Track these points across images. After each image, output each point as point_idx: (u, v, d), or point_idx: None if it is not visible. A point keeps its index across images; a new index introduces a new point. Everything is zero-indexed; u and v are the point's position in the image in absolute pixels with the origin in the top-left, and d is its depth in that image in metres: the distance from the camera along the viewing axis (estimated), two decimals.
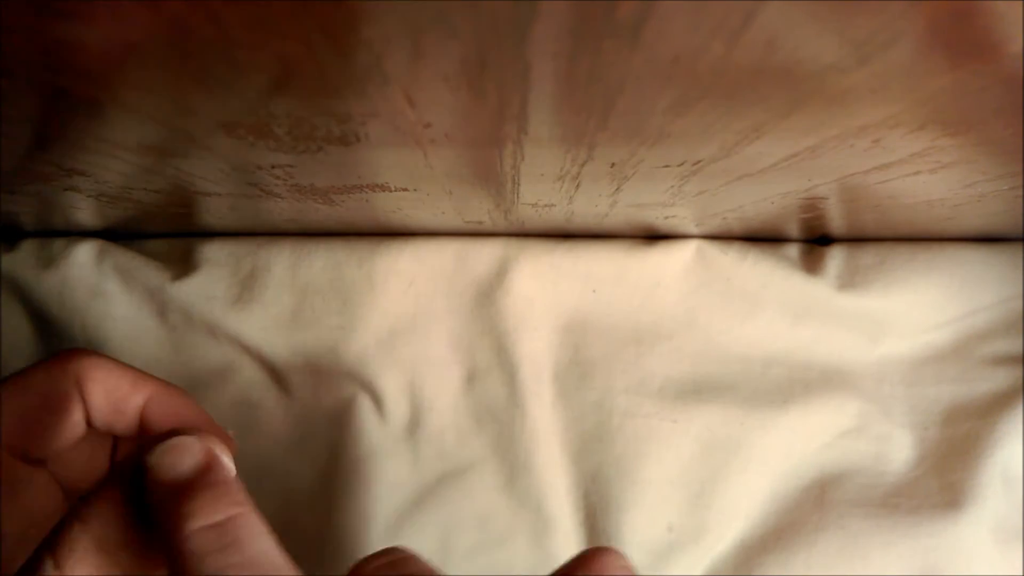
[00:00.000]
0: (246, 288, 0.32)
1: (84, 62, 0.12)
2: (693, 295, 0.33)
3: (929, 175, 0.21)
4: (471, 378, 0.33)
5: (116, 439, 0.25)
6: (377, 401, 0.32)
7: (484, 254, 0.33)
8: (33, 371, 0.23)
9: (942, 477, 0.31)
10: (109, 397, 0.23)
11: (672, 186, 0.23)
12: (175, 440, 0.18)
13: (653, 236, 0.34)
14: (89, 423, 0.23)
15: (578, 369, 0.33)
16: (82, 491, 0.25)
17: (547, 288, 0.33)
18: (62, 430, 0.22)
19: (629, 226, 0.31)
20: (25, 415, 0.22)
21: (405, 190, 0.24)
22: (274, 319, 0.32)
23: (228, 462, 0.18)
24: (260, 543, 0.17)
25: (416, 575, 0.21)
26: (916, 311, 0.33)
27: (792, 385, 0.32)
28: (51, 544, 0.17)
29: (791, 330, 0.33)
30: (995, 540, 0.30)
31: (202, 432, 0.18)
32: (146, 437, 0.18)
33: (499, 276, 0.33)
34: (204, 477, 0.17)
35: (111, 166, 0.20)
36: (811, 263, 0.34)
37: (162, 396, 0.24)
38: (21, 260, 0.32)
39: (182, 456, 0.17)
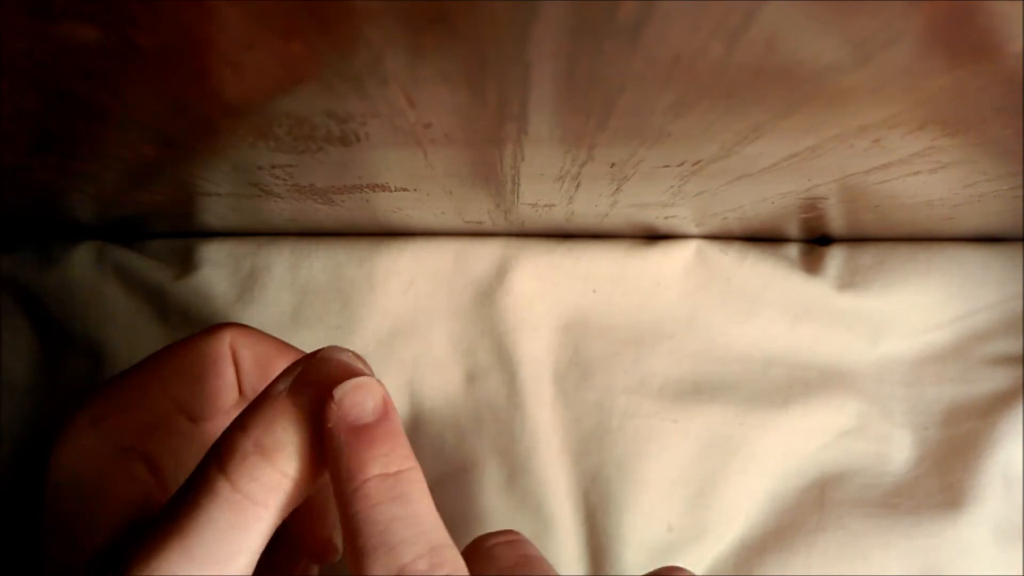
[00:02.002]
0: (246, 288, 0.32)
1: (84, 62, 0.12)
2: (693, 295, 0.33)
3: (929, 175, 0.21)
4: (471, 378, 0.33)
5: None
6: None
7: (484, 254, 0.33)
8: (191, 339, 0.24)
9: (942, 477, 0.31)
10: (258, 361, 0.24)
11: (672, 186, 0.23)
12: (362, 379, 0.17)
13: (653, 236, 0.34)
14: (240, 390, 0.24)
15: (578, 369, 0.33)
16: None
17: (547, 288, 0.33)
18: (220, 390, 0.23)
19: (629, 226, 0.31)
20: (188, 374, 0.23)
21: (405, 190, 0.24)
22: (274, 319, 0.32)
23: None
24: (425, 501, 0.17)
25: (531, 555, 0.22)
26: (916, 311, 0.33)
27: (792, 385, 0.32)
28: (217, 451, 0.17)
29: (791, 330, 0.33)
30: (995, 540, 0.30)
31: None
32: (318, 357, 0.18)
33: (499, 276, 0.33)
34: (382, 424, 0.17)
35: (111, 166, 0.20)
36: (811, 263, 0.34)
37: None
38: (21, 260, 0.32)
39: (366, 397, 0.17)
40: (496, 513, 0.31)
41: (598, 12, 0.10)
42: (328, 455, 0.17)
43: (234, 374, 0.24)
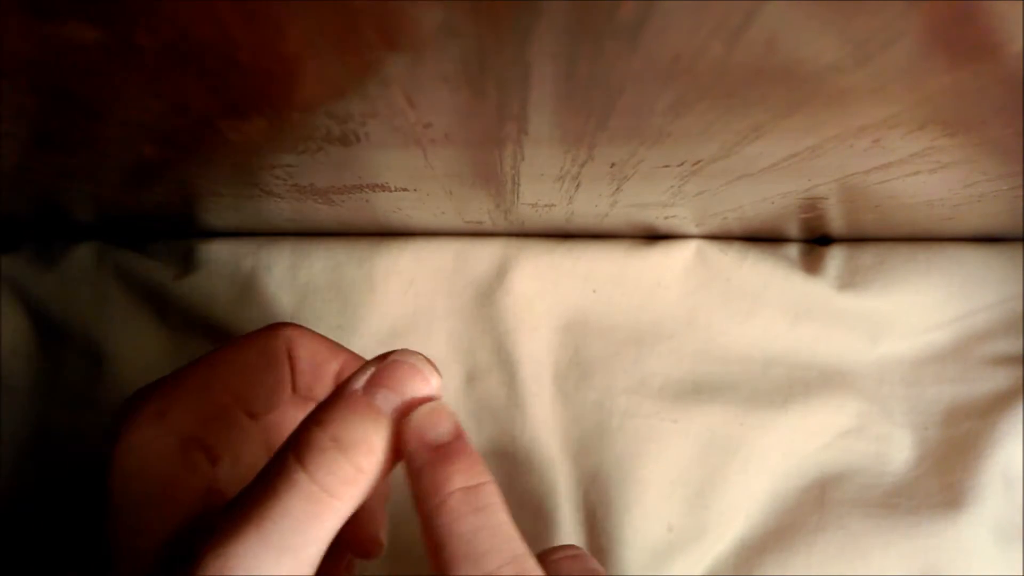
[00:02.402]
0: (246, 288, 0.32)
1: (84, 62, 0.12)
2: (693, 295, 0.33)
3: (929, 175, 0.21)
4: (471, 378, 0.33)
5: None
6: None
7: (484, 254, 0.33)
8: (250, 336, 0.25)
9: (942, 477, 0.31)
10: (312, 360, 0.25)
11: (672, 186, 0.23)
12: (435, 404, 0.18)
13: (653, 236, 0.34)
14: (294, 388, 0.25)
15: (578, 369, 0.33)
16: None
17: (547, 288, 0.33)
18: (276, 387, 0.24)
19: (629, 226, 0.31)
20: (246, 370, 0.24)
21: (405, 190, 0.24)
22: (274, 319, 0.32)
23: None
24: (504, 513, 0.18)
25: (596, 570, 0.24)
26: (916, 311, 0.33)
27: (792, 385, 0.32)
28: (295, 444, 0.18)
29: (791, 330, 0.33)
30: (995, 540, 0.30)
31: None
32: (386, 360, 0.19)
33: (499, 276, 0.33)
34: (459, 442, 0.18)
35: (111, 166, 0.20)
36: (811, 263, 0.34)
37: (354, 366, 0.25)
38: (21, 260, 0.32)
39: (441, 419, 0.18)
40: None
41: (598, 12, 0.10)
42: (409, 475, 0.18)
43: (289, 372, 0.25)
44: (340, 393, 0.18)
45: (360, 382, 0.19)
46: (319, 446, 0.17)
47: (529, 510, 0.31)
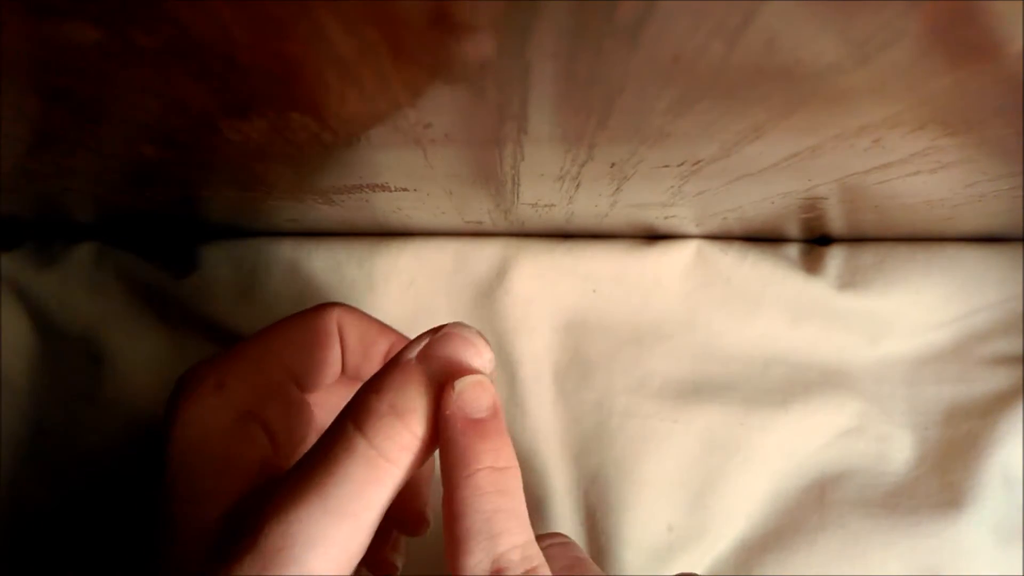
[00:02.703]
0: (246, 288, 0.32)
1: (84, 62, 0.12)
2: (693, 295, 0.33)
3: (929, 175, 0.21)
4: None
5: None
6: None
7: (484, 254, 0.33)
8: (301, 314, 0.25)
9: (942, 477, 0.31)
10: (361, 340, 0.25)
11: (672, 186, 0.23)
12: (480, 377, 0.19)
13: (653, 236, 0.34)
14: (343, 366, 0.25)
15: (578, 369, 0.33)
16: None
17: (547, 288, 0.33)
18: (327, 364, 0.25)
19: (629, 226, 0.31)
20: (300, 346, 0.24)
21: (405, 190, 0.24)
22: (274, 319, 0.32)
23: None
24: (521, 501, 0.18)
25: (582, 557, 0.24)
26: (916, 311, 0.33)
27: (792, 385, 0.32)
28: (352, 411, 0.18)
29: (791, 330, 0.33)
30: (995, 540, 0.30)
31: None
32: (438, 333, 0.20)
33: (499, 276, 0.33)
34: (494, 421, 0.19)
35: (111, 166, 0.20)
36: (811, 263, 0.34)
37: (403, 344, 0.26)
38: (21, 260, 0.32)
39: (483, 394, 0.19)
40: None
41: (598, 12, 0.10)
42: (443, 441, 0.18)
43: (339, 350, 0.25)
44: (395, 362, 0.19)
45: (414, 352, 0.19)
46: (377, 412, 0.18)
47: (529, 510, 0.31)
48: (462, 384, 0.18)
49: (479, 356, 0.19)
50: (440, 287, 0.33)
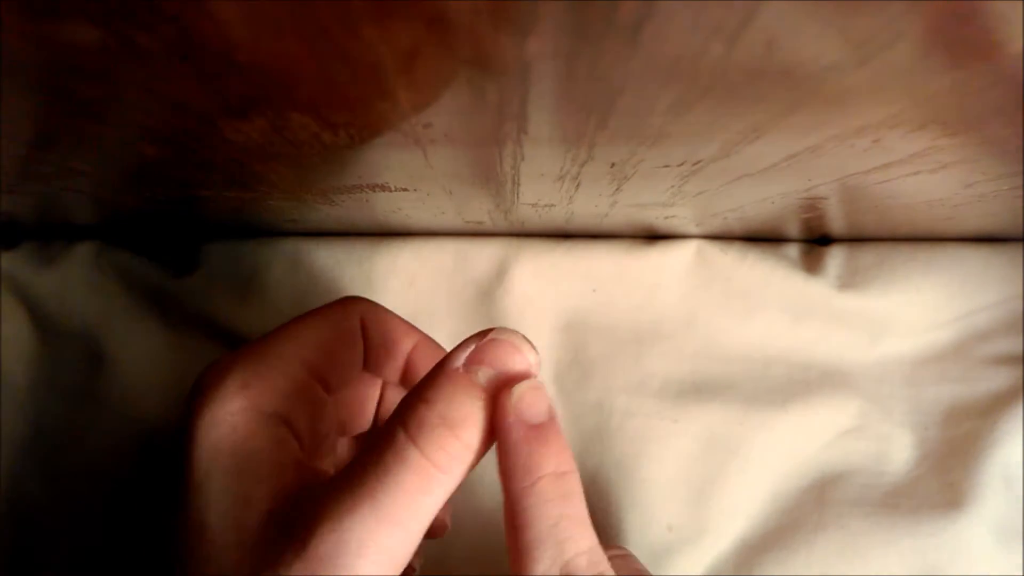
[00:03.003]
0: (246, 288, 0.32)
1: (84, 62, 0.12)
2: (693, 295, 0.33)
3: (929, 175, 0.21)
4: None
5: (383, 392, 0.27)
6: None
7: (484, 254, 0.33)
8: (324, 310, 0.24)
9: (942, 477, 0.31)
10: (385, 338, 0.25)
11: (672, 186, 0.23)
12: (536, 382, 0.19)
13: (653, 236, 0.34)
14: (365, 364, 0.25)
15: (578, 369, 0.33)
16: (350, 434, 0.27)
17: (547, 288, 0.33)
18: (351, 362, 0.24)
19: (629, 226, 0.31)
20: (323, 344, 0.24)
21: (405, 190, 0.24)
22: (274, 319, 0.32)
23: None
24: (584, 505, 0.18)
25: (642, 571, 0.25)
26: (916, 311, 0.33)
27: (792, 385, 0.32)
28: (403, 421, 0.18)
29: (791, 330, 0.33)
30: (995, 540, 0.30)
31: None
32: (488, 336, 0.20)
33: (499, 276, 0.33)
34: (554, 426, 0.19)
35: (111, 166, 0.20)
36: (811, 263, 0.34)
37: (427, 347, 0.26)
38: (21, 260, 0.32)
39: (540, 399, 0.19)
40: (496, 513, 0.31)
41: (598, 12, 0.10)
42: (503, 448, 0.18)
43: (363, 349, 0.25)
44: (442, 371, 0.19)
45: (460, 359, 0.19)
46: (429, 423, 0.18)
47: None
48: (519, 390, 0.18)
49: (526, 360, 0.19)
50: (440, 287, 0.33)
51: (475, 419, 0.18)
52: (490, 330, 0.20)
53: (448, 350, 0.20)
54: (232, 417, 0.21)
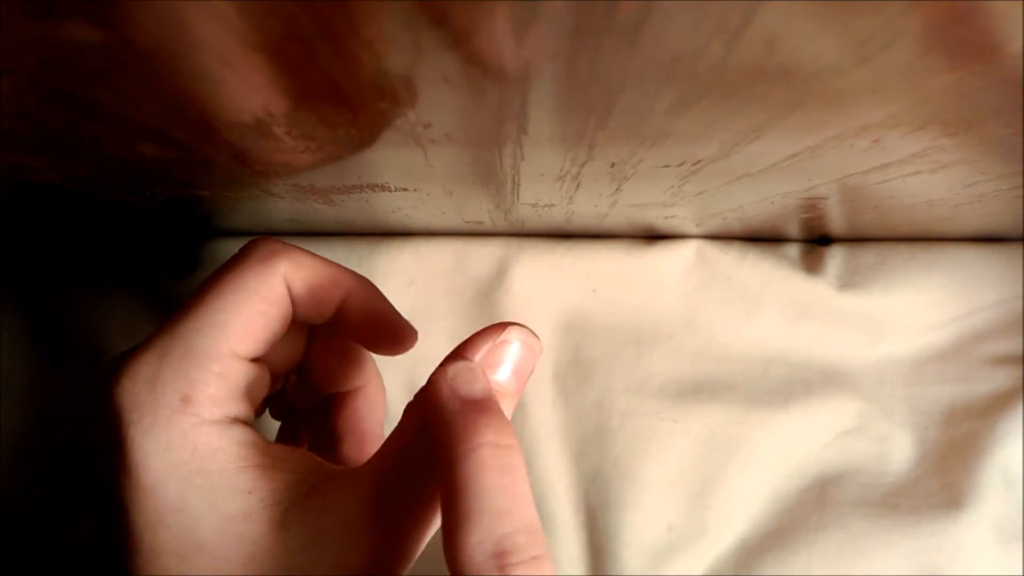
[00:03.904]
0: None
1: (84, 62, 0.12)
2: (693, 295, 0.33)
3: (929, 175, 0.21)
4: None
5: (312, 328, 0.26)
6: None
7: (484, 254, 0.33)
8: (242, 274, 0.22)
9: (942, 477, 0.31)
10: (313, 295, 0.23)
11: (672, 186, 0.23)
12: (471, 364, 0.19)
13: (653, 236, 0.34)
14: (293, 317, 0.23)
15: (578, 369, 0.33)
16: (281, 376, 0.26)
17: (547, 288, 0.33)
18: (278, 327, 0.23)
19: (629, 226, 0.31)
20: (248, 324, 0.22)
21: (405, 190, 0.24)
22: None
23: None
24: (527, 482, 0.17)
25: None
26: (916, 311, 0.33)
27: (792, 385, 0.32)
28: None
29: (791, 330, 0.33)
30: (995, 540, 0.30)
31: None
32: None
33: (499, 276, 0.33)
34: (491, 403, 0.18)
35: (111, 166, 0.20)
36: (811, 263, 0.34)
37: (359, 292, 0.24)
38: (21, 260, 0.32)
39: (477, 379, 0.18)
40: None
41: (598, 12, 0.10)
42: (438, 424, 0.18)
43: (291, 307, 0.23)
44: (476, 403, 0.18)
45: (481, 381, 0.19)
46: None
47: None
48: (455, 369, 0.18)
49: (473, 348, 0.19)
50: (440, 287, 0.33)
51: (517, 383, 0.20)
52: (503, 327, 0.19)
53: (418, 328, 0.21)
54: (185, 438, 0.19)
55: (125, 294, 0.32)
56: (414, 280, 0.33)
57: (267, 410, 0.28)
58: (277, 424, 0.29)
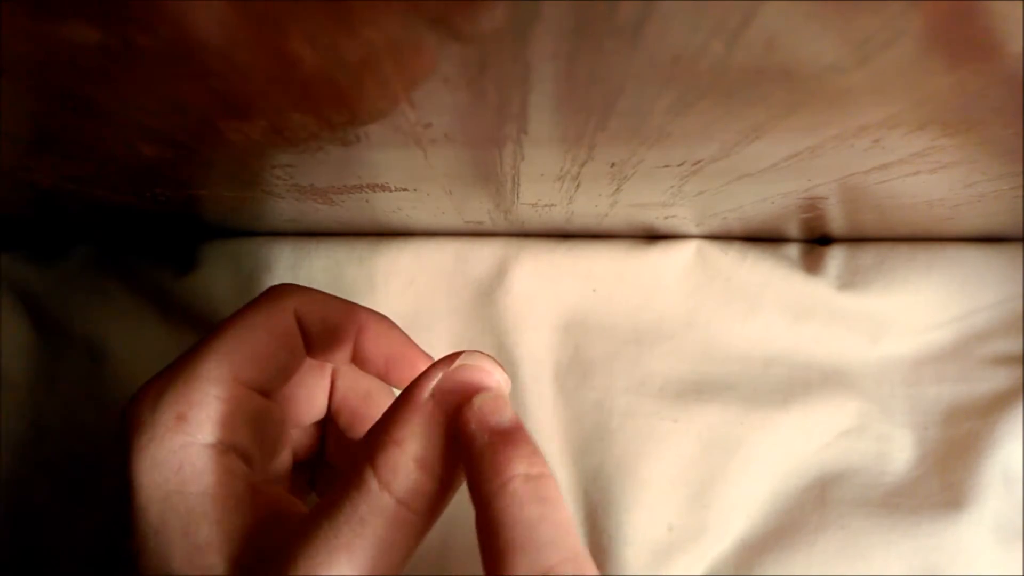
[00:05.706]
0: (246, 288, 0.32)
1: (84, 62, 0.12)
2: (693, 295, 0.33)
3: (929, 175, 0.21)
4: None
5: (334, 377, 0.26)
6: None
7: (484, 254, 0.33)
8: (251, 311, 0.23)
9: (942, 477, 0.31)
10: (324, 327, 0.23)
11: (672, 186, 0.23)
12: (497, 393, 0.18)
13: (653, 236, 0.34)
14: (309, 352, 0.24)
15: (578, 369, 0.33)
16: (304, 425, 0.26)
17: (547, 288, 0.33)
18: (290, 362, 0.23)
19: (629, 226, 0.31)
20: (257, 352, 0.22)
21: (405, 190, 0.24)
22: None
23: None
24: (566, 508, 0.17)
25: None
26: (916, 311, 0.33)
27: (792, 385, 0.32)
28: (374, 465, 0.18)
29: (791, 330, 0.33)
30: (996, 540, 0.30)
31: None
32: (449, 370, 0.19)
33: (499, 276, 0.33)
34: (520, 432, 0.17)
35: (111, 166, 0.20)
36: (811, 263, 0.34)
37: (374, 326, 0.24)
38: (21, 260, 0.32)
39: (504, 407, 0.18)
40: None
41: (598, 12, 0.10)
42: (469, 459, 0.17)
43: (302, 342, 0.23)
44: (410, 405, 0.18)
45: (426, 389, 0.18)
46: (404, 469, 0.17)
47: None
48: (480, 400, 0.18)
49: (491, 377, 0.19)
50: (440, 287, 0.33)
51: (449, 455, 0.18)
52: (457, 355, 0.19)
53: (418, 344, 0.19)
54: (174, 456, 0.20)
55: (125, 294, 0.32)
56: (414, 280, 0.33)
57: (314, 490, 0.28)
58: None
